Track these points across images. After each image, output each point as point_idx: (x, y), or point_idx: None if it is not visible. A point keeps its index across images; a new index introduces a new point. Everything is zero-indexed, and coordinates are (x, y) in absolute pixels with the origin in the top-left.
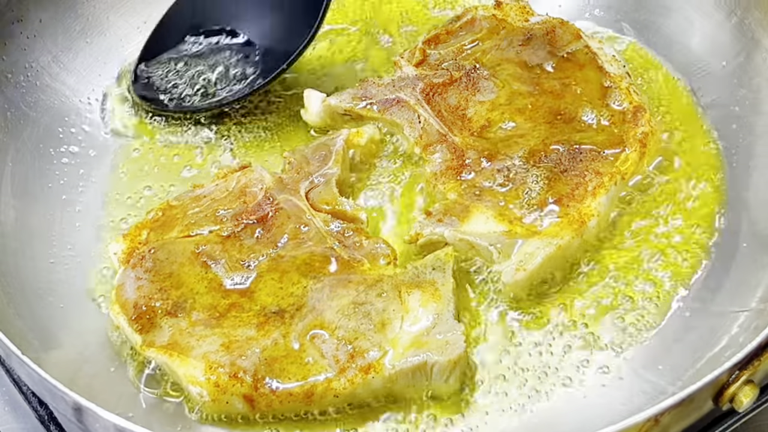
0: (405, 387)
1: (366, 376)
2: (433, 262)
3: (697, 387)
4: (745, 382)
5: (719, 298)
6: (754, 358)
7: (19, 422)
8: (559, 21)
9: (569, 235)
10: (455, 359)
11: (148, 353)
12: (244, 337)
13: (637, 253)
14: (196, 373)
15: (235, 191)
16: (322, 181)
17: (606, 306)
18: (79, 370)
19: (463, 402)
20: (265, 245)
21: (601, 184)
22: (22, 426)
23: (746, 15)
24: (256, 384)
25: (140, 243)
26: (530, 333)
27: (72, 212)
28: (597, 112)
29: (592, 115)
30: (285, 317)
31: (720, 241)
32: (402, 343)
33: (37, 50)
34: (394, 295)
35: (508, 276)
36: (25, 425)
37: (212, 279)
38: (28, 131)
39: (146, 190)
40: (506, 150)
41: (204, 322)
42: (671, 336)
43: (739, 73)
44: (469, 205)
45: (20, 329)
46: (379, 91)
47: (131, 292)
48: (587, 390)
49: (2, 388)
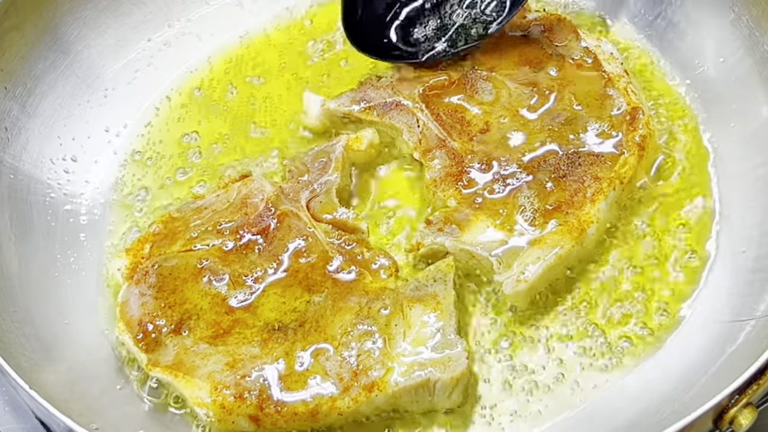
0: (408, 402)
1: (370, 394)
2: (434, 273)
3: (698, 414)
4: (745, 405)
5: (723, 307)
6: (753, 382)
7: (19, 422)
8: (556, 17)
9: (569, 243)
10: (458, 376)
11: (154, 373)
12: (249, 355)
13: (634, 261)
14: (202, 394)
15: (236, 202)
16: (322, 189)
17: (606, 319)
18: (81, 386)
19: (465, 416)
20: (267, 259)
21: (600, 190)
22: (22, 426)
23: (744, 11)
24: (262, 404)
25: (143, 257)
26: (530, 346)
27: (76, 224)
28: (595, 114)
29: (590, 118)
30: (288, 333)
31: (720, 247)
32: (405, 359)
33: (34, 57)
34: (397, 309)
35: (509, 287)
36: (25, 425)
37: (215, 295)
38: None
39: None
40: (505, 155)
41: (208, 340)
42: (673, 349)
43: (737, 69)
44: (470, 214)
45: (22, 346)
46: (377, 94)
47: (135, 308)
48: (587, 404)
49: (2, 388)
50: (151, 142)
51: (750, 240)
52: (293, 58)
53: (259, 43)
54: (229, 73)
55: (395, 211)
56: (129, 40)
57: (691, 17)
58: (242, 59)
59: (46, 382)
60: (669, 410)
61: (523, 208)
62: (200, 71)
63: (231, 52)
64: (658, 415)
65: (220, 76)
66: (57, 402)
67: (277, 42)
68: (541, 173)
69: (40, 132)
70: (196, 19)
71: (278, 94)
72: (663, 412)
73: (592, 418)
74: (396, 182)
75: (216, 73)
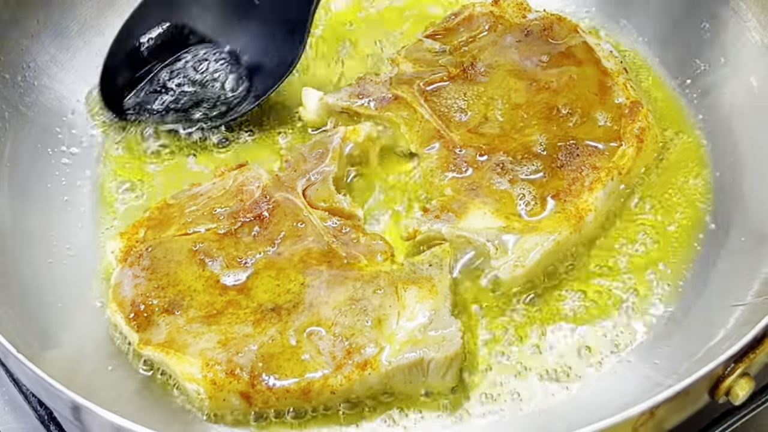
0: (402, 383)
1: (363, 372)
2: (430, 258)
3: (692, 380)
4: (741, 374)
5: (714, 292)
6: (750, 350)
7: (19, 422)
8: (556, 17)
9: (567, 230)
10: (452, 356)
11: (145, 351)
12: (241, 334)
13: (631, 248)
14: (193, 370)
15: (232, 189)
16: (319, 178)
17: (601, 301)
18: (78, 368)
19: (458, 398)
20: (262, 243)
21: (598, 179)
22: (22, 426)
23: (745, 11)
24: (253, 381)
25: (137, 241)
26: (526, 329)
27: (71, 212)
28: (594, 108)
29: (589, 110)
30: (282, 314)
31: (713, 236)
32: (398, 339)
33: (35, 50)
34: (391, 291)
35: (505, 272)
36: (25, 425)
37: (209, 277)
38: (25, 131)
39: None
40: (503, 145)
41: (201, 320)
42: (667, 330)
43: (735, 67)
44: (467, 202)
45: (18, 328)
46: (376, 88)
47: (128, 290)
48: (582, 385)
49: (2, 388)
50: (153, 133)
51: (746, 231)
52: None
53: None
54: None
55: (392, 203)
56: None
57: (691, 16)
58: None
59: (43, 364)
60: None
61: (521, 195)
62: None
63: None
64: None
65: None
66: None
67: None
68: (539, 163)
69: (39, 125)
70: None
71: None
72: (662, 384)
73: (586, 399)
74: (393, 175)
75: None
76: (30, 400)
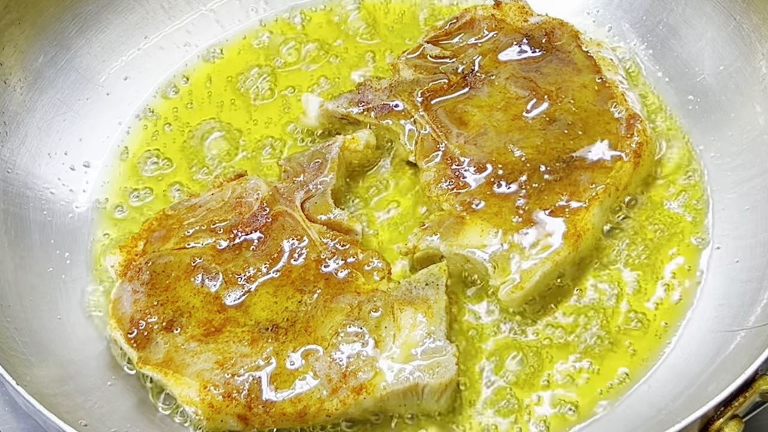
0: (396, 406)
1: (358, 397)
2: (426, 277)
3: (683, 425)
4: (731, 417)
5: (715, 317)
6: (739, 394)
7: (19, 422)
8: (558, 22)
9: (566, 250)
10: (447, 382)
11: (144, 370)
12: (239, 354)
13: (631, 269)
14: (191, 393)
15: (231, 201)
16: (318, 190)
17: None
18: (74, 383)
19: (451, 421)
20: (260, 259)
21: (595, 196)
22: (22, 426)
23: (744, 20)
24: (250, 404)
25: (137, 254)
26: (522, 352)
27: (72, 221)
28: (592, 120)
29: (588, 124)
30: (279, 333)
31: (712, 258)
32: (394, 363)
33: (35, 52)
34: (387, 311)
35: (504, 293)
36: (25, 425)
37: (208, 293)
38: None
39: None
40: (501, 159)
41: (199, 338)
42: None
43: (736, 78)
44: (465, 217)
45: (15, 342)
46: (376, 96)
47: (128, 306)
48: (579, 414)
49: (2, 388)
50: (149, 139)
51: (744, 250)
52: None
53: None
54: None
55: (390, 213)
56: (130, 36)
57: (691, 24)
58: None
59: (37, 378)
60: (655, 419)
61: (519, 211)
62: (200, 70)
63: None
64: (645, 425)
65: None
66: (46, 398)
67: None
68: (537, 177)
69: (38, 127)
70: (197, 17)
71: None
72: (651, 420)
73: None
74: (392, 184)
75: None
76: None
